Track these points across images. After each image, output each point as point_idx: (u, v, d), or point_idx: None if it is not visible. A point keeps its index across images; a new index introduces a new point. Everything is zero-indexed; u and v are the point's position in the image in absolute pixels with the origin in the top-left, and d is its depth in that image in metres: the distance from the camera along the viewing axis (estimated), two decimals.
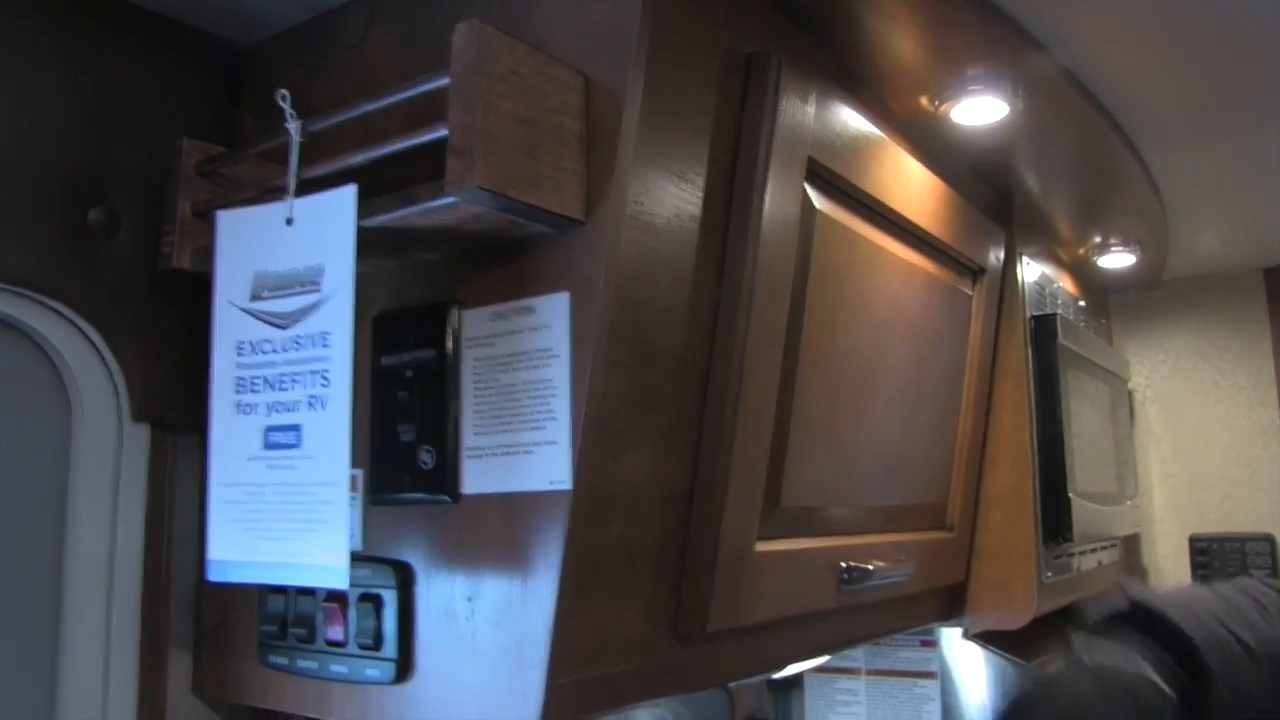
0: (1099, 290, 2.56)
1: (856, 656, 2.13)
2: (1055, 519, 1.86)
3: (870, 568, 1.37)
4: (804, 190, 1.20)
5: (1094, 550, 2.13)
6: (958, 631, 1.90)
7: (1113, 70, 1.46)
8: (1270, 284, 2.54)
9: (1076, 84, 1.47)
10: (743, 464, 1.09)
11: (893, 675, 2.15)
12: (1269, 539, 2.46)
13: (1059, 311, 1.97)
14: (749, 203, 1.09)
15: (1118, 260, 2.25)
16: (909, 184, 1.45)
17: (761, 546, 1.17)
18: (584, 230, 0.93)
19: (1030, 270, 1.94)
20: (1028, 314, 1.90)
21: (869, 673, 2.16)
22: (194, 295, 1.08)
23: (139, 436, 1.17)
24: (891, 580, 1.46)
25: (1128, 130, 1.70)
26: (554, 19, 0.97)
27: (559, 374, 0.92)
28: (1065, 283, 2.26)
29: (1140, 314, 2.64)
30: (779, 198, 1.12)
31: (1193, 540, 2.53)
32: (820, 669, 2.16)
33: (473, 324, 1.00)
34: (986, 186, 1.82)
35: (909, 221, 1.45)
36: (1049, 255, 2.19)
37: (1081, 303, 2.32)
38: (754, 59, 1.12)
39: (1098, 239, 2.20)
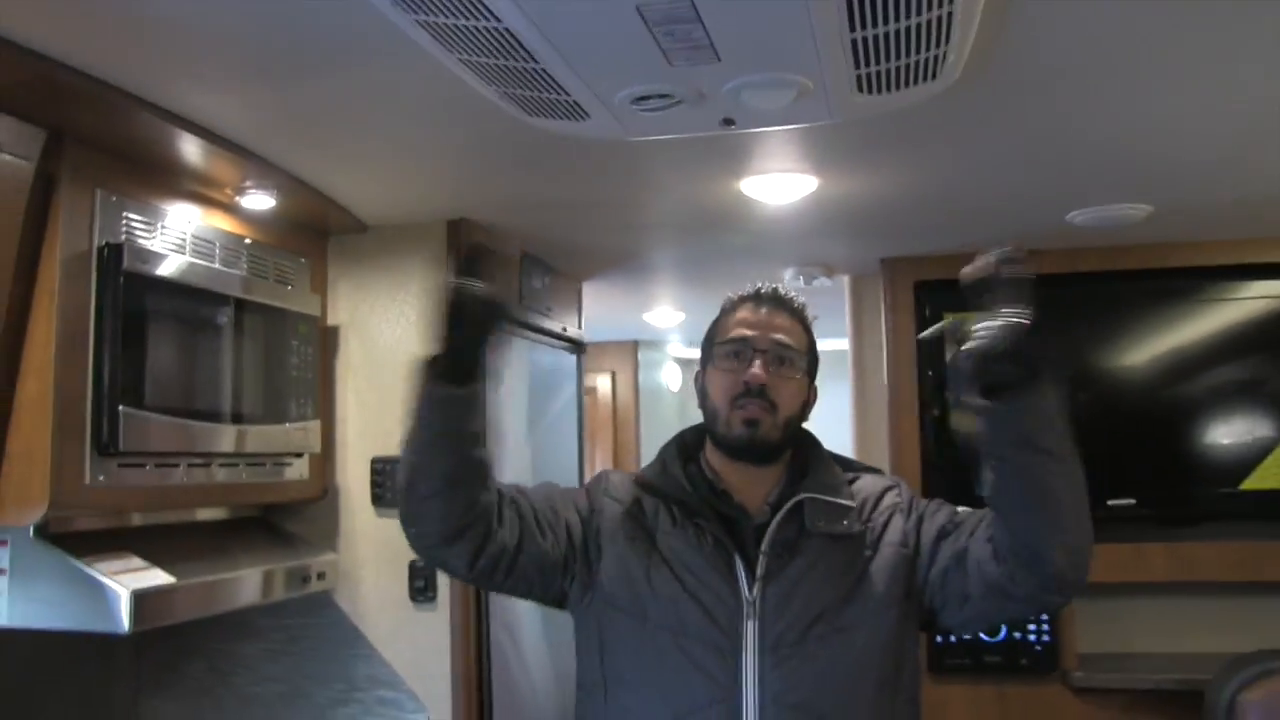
0: (307, 233, 2.80)
1: None
2: (102, 429, 2.05)
3: None
4: None
5: (205, 465, 2.34)
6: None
7: None
8: (451, 233, 2.87)
9: None
10: None
11: None
12: None
13: (135, 241, 2.15)
14: None
15: (258, 202, 2.46)
16: None
17: None
18: None
19: (112, 204, 2.11)
20: (96, 242, 2.07)
21: None
22: None
23: None
24: None
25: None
26: None
27: None
28: (223, 223, 2.46)
29: (354, 257, 2.91)
30: None
31: (373, 462, 2.83)
32: None
33: None
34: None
35: None
36: (192, 196, 2.38)
37: (249, 241, 2.53)
38: None
39: (232, 184, 2.40)
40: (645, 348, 6.13)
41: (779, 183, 2.61)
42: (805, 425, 1.80)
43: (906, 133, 2.22)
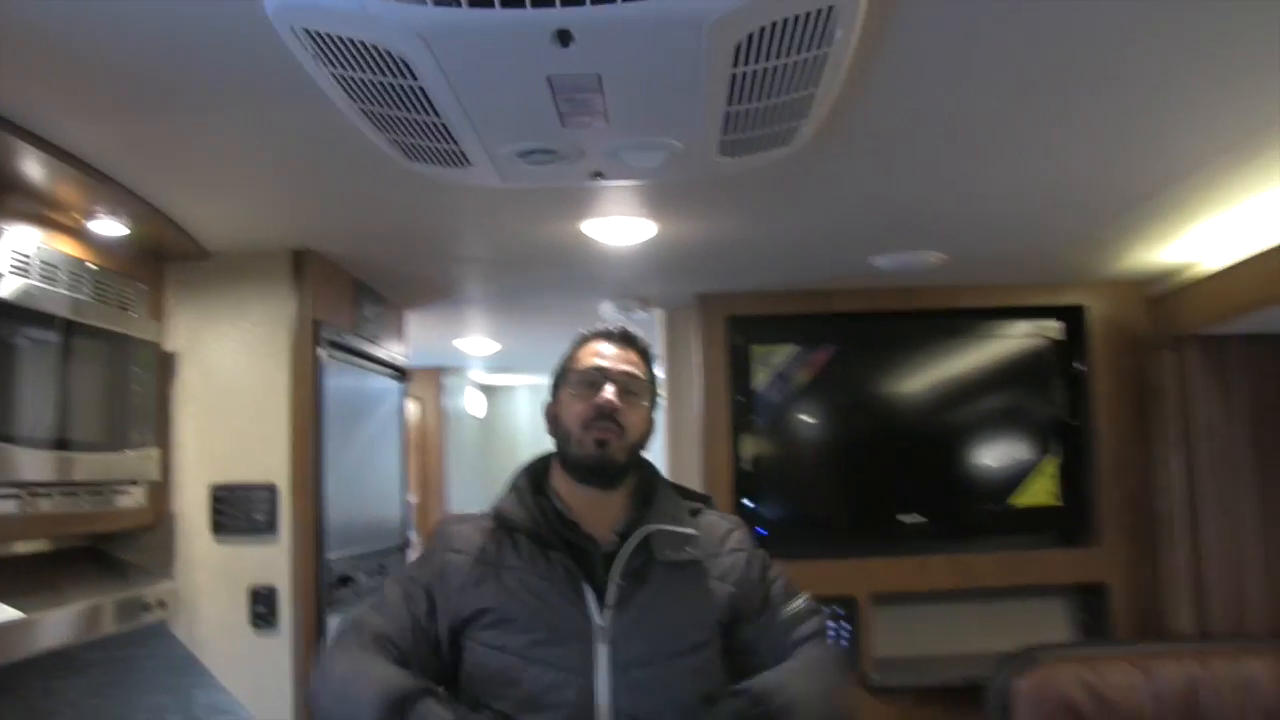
0: (145, 259, 2.77)
1: None
2: None
3: None
4: None
5: (47, 494, 2.30)
6: None
7: None
8: (295, 263, 2.91)
9: None
10: None
11: None
12: (271, 488, 2.82)
13: None
14: None
15: (107, 228, 2.45)
16: None
17: None
18: None
19: None
20: None
21: None
22: None
23: None
24: None
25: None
26: None
27: None
28: (68, 247, 2.42)
29: (194, 284, 2.90)
30: None
31: (213, 489, 2.83)
32: None
33: None
34: None
35: None
36: (38, 219, 2.34)
37: (94, 266, 2.49)
38: None
39: (82, 209, 2.38)
40: (449, 374, 6.18)
41: (619, 226, 2.78)
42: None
43: (741, 185, 2.42)
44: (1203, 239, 3.05)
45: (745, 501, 3.70)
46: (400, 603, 1.84)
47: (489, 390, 7.13)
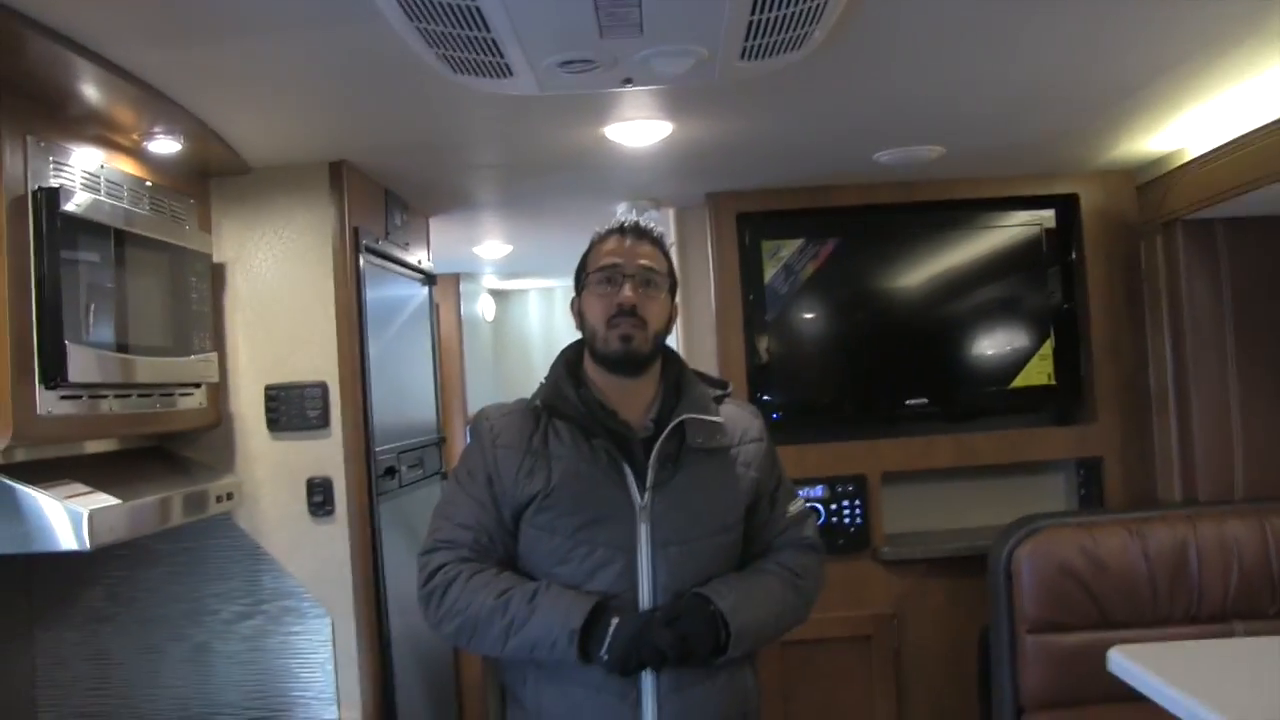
0: (192, 175, 2.94)
1: None
2: (52, 364, 2.19)
3: None
4: None
5: (127, 395, 2.50)
6: None
7: None
8: (333, 174, 3.07)
9: None
10: None
11: None
12: (323, 386, 3.01)
13: (67, 185, 2.27)
14: None
15: (164, 146, 2.61)
16: None
17: None
18: None
19: (40, 150, 2.22)
20: (30, 186, 2.19)
21: None
22: None
23: None
24: None
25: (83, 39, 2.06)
26: None
27: None
28: (127, 166, 2.58)
29: (237, 197, 3.05)
30: None
31: (267, 389, 3.02)
32: None
33: None
34: None
35: None
36: (101, 141, 2.49)
37: (149, 183, 2.66)
38: None
39: (142, 129, 2.54)
40: (466, 280, 6.34)
41: (638, 128, 2.93)
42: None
43: (753, 87, 2.55)
44: (1189, 127, 3.22)
45: (759, 390, 3.90)
46: (474, 504, 2.03)
47: (500, 295, 7.29)
